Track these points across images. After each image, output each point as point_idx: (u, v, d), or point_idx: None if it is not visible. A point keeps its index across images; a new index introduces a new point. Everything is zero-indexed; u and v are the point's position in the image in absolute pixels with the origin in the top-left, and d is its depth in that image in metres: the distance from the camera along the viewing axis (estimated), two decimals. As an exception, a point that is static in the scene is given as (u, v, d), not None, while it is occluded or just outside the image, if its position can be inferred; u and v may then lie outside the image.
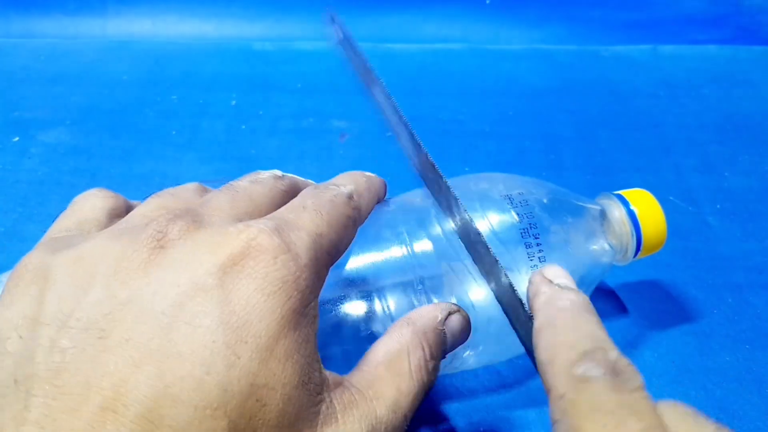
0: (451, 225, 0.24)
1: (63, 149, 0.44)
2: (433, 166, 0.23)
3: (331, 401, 0.18)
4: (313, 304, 0.18)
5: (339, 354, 0.24)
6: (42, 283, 0.17)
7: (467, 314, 0.23)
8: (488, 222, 0.26)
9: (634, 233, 0.28)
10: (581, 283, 0.27)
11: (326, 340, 0.23)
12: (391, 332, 0.21)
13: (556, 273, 0.20)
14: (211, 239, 0.18)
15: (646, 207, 0.29)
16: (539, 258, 0.25)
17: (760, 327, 0.32)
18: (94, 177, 0.41)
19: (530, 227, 0.26)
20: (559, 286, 0.19)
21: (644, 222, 0.28)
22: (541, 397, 0.25)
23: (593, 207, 0.29)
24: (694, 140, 0.46)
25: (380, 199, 0.25)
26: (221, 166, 0.43)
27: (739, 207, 0.40)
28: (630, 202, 0.29)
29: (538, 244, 0.25)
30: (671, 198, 0.41)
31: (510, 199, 0.27)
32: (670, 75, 0.55)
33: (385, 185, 0.26)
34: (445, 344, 0.22)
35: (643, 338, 0.31)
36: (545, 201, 0.27)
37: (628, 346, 0.30)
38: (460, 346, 0.23)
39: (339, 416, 0.18)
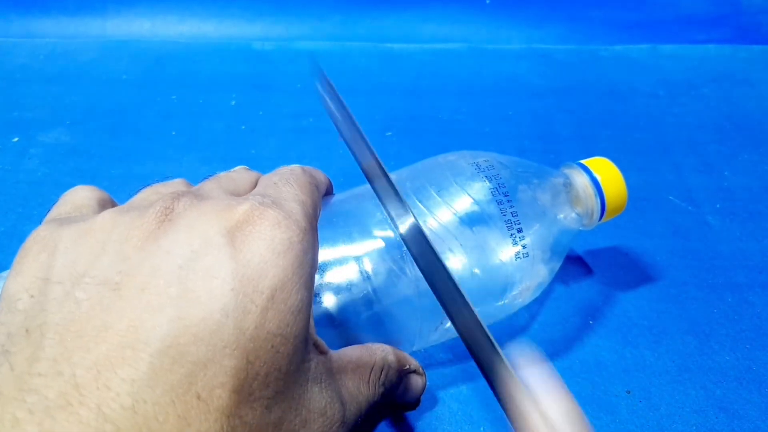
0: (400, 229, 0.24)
1: (63, 149, 0.44)
2: (381, 166, 0.23)
3: (318, 363, 0.19)
4: (314, 264, 0.20)
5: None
6: (51, 250, 0.18)
7: (426, 381, 0.26)
8: (459, 186, 0.28)
9: (598, 198, 0.30)
10: (553, 255, 0.29)
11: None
12: (369, 346, 0.23)
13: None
14: (216, 208, 0.19)
15: (608, 173, 0.31)
16: (512, 213, 0.27)
17: (760, 326, 0.32)
18: (94, 177, 0.41)
19: (499, 186, 0.28)
20: None
21: (606, 187, 0.30)
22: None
23: (557, 172, 0.31)
24: (694, 140, 0.46)
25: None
26: (221, 166, 0.42)
27: (739, 207, 0.40)
28: (592, 170, 0.31)
29: (508, 201, 0.28)
30: (671, 198, 0.41)
31: (477, 165, 0.29)
32: (669, 75, 0.55)
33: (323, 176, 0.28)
34: (398, 385, 0.24)
35: (643, 338, 0.31)
36: (510, 165, 0.29)
37: (628, 345, 0.31)
38: (432, 332, 0.26)
39: (323, 378, 0.19)
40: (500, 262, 0.27)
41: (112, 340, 0.15)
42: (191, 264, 0.17)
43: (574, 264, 0.35)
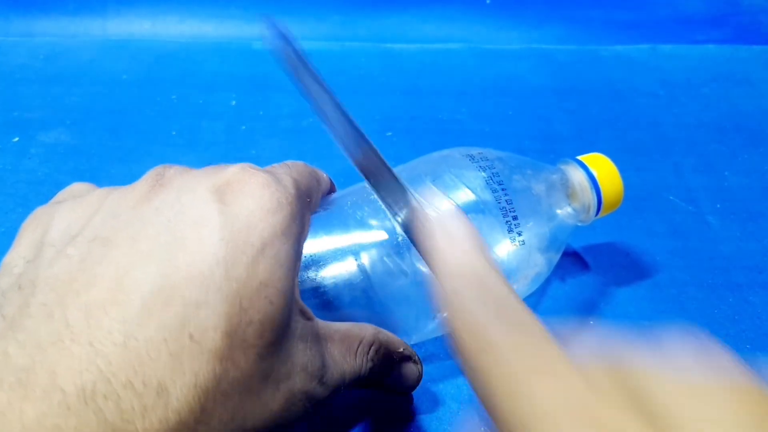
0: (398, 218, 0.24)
1: (63, 149, 0.44)
2: (377, 153, 0.23)
3: (304, 326, 0.20)
4: (302, 233, 0.20)
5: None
6: (48, 222, 0.18)
7: (422, 371, 0.25)
8: (454, 175, 0.28)
9: (595, 194, 0.30)
10: (550, 246, 0.30)
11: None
12: (361, 323, 0.23)
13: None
14: (206, 172, 0.20)
15: (604, 168, 0.31)
16: (506, 201, 0.28)
17: (760, 326, 0.32)
18: (94, 177, 0.41)
19: (493, 176, 0.28)
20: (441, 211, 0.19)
21: (603, 182, 0.31)
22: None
23: (553, 168, 0.31)
24: (694, 140, 0.46)
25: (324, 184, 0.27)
26: (221, 166, 0.43)
27: (739, 207, 0.40)
28: (588, 165, 0.31)
29: (503, 189, 0.28)
30: (671, 198, 0.41)
31: (471, 157, 0.29)
32: (669, 75, 0.55)
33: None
34: (389, 367, 0.24)
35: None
36: (504, 158, 0.30)
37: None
38: (430, 321, 0.26)
39: (309, 339, 0.20)
40: (497, 249, 0.27)
41: (102, 285, 0.16)
42: (180, 216, 0.17)
43: (575, 264, 0.35)
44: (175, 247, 0.16)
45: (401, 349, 0.24)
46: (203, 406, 0.15)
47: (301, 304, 0.20)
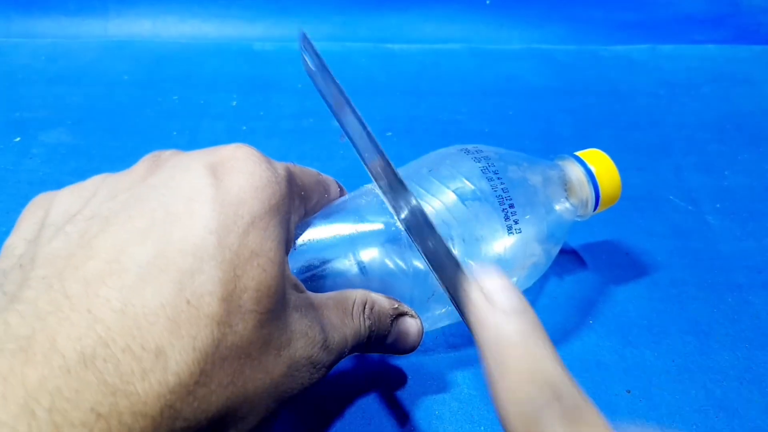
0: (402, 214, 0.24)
1: (64, 149, 0.44)
2: (386, 158, 0.23)
3: (298, 298, 0.20)
4: (291, 217, 0.21)
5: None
6: (48, 205, 0.19)
7: (421, 325, 0.25)
8: (451, 165, 0.28)
9: (593, 189, 0.31)
10: (548, 237, 0.30)
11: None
12: (348, 289, 0.24)
13: (494, 286, 0.17)
14: (201, 152, 0.20)
15: (602, 164, 0.31)
16: (502, 189, 0.28)
17: (760, 326, 0.32)
18: (95, 177, 0.41)
19: (489, 166, 0.29)
20: (502, 310, 0.16)
21: (600, 177, 0.31)
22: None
23: (551, 163, 0.32)
24: (694, 140, 0.46)
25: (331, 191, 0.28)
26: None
27: (739, 206, 0.40)
28: (586, 161, 0.31)
29: (499, 178, 0.28)
30: (671, 198, 0.41)
31: (466, 150, 0.30)
32: (669, 74, 0.55)
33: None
34: (388, 325, 0.24)
35: (643, 338, 0.31)
36: (500, 151, 0.30)
37: (628, 345, 0.31)
38: (424, 302, 0.26)
39: (303, 308, 0.20)
40: (494, 237, 0.27)
41: (100, 258, 0.16)
42: (175, 192, 0.18)
43: (574, 264, 0.35)
44: (169, 222, 0.17)
45: (396, 306, 0.24)
46: (202, 369, 0.15)
47: (293, 279, 0.20)
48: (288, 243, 0.20)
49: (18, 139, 0.45)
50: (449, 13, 0.61)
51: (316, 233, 0.26)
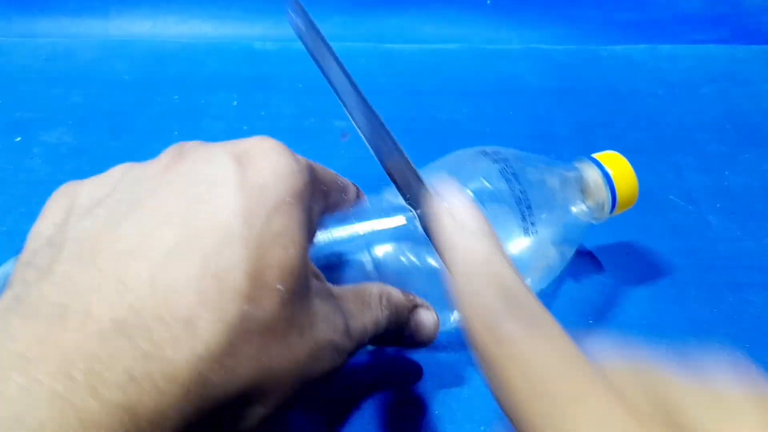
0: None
1: (64, 149, 0.44)
2: (384, 125, 0.23)
3: (319, 285, 0.20)
4: (314, 207, 0.21)
5: None
6: (72, 196, 0.20)
7: (437, 316, 0.26)
8: (471, 166, 0.29)
9: (609, 191, 0.31)
10: (564, 240, 0.30)
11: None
12: (364, 282, 0.24)
13: (460, 207, 0.19)
14: (224, 143, 0.20)
15: (619, 168, 0.31)
16: (520, 191, 0.28)
17: (760, 326, 0.32)
18: (95, 177, 0.41)
19: (507, 167, 0.29)
20: (471, 232, 0.18)
21: (617, 180, 0.31)
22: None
23: (569, 165, 0.32)
24: (694, 140, 0.47)
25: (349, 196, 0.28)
26: (222, 166, 0.43)
27: (739, 206, 0.40)
28: (603, 164, 0.31)
29: (516, 180, 0.28)
30: (671, 198, 0.41)
31: (485, 153, 0.30)
32: (669, 75, 0.55)
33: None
34: (405, 317, 0.24)
35: (643, 338, 0.31)
36: (517, 153, 0.30)
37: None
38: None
39: (324, 295, 0.20)
40: (511, 238, 0.27)
41: (129, 237, 0.17)
42: (200, 178, 0.18)
43: (574, 264, 0.35)
44: (195, 205, 0.18)
45: (411, 298, 0.25)
46: (230, 340, 0.16)
47: (313, 268, 0.21)
48: (311, 230, 0.20)
49: (18, 138, 0.45)
50: (449, 13, 0.61)
51: (333, 231, 0.26)
